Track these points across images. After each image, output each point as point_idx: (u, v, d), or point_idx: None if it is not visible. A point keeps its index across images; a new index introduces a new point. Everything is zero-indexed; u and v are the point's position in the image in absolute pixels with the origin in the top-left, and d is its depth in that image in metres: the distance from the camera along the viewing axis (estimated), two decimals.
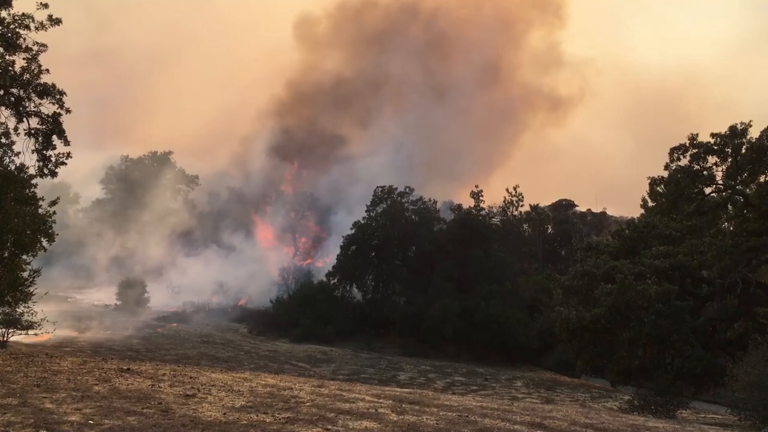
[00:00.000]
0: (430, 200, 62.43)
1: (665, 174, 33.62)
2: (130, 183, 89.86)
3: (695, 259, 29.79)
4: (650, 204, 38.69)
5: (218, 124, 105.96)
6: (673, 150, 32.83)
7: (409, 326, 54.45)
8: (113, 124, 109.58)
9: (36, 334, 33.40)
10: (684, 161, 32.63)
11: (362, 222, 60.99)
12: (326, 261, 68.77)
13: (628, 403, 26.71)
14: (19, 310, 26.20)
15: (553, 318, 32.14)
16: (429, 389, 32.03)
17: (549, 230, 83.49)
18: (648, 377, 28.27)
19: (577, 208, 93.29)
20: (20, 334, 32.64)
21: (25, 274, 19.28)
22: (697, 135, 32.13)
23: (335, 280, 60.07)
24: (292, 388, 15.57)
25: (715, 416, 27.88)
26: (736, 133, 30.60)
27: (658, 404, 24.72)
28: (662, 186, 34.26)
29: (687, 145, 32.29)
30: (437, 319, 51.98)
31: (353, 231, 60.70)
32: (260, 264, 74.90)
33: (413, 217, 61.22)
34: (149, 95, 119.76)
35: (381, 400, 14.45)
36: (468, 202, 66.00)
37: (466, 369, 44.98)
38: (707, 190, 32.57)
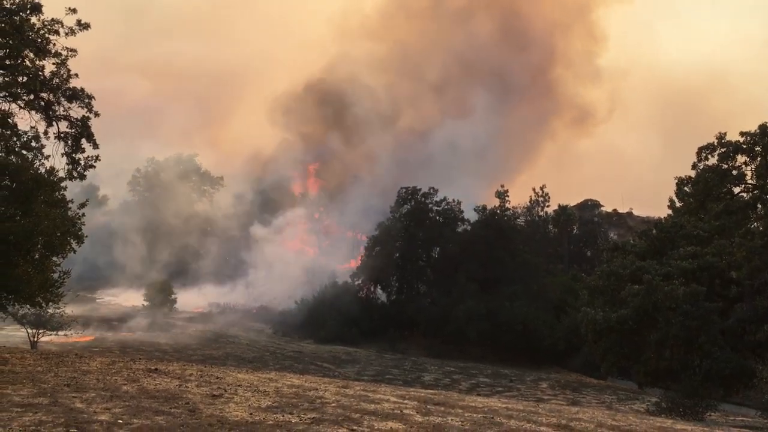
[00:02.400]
0: (454, 201, 62.23)
1: (693, 174, 33.22)
2: (156, 184, 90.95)
3: (724, 260, 29.39)
4: (678, 204, 38.20)
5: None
6: (701, 149, 32.43)
7: (433, 327, 54.39)
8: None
9: (66, 335, 33.99)
10: (712, 160, 32.23)
11: (386, 223, 61.00)
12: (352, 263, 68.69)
13: (655, 405, 26.41)
14: (49, 311, 26.65)
15: (579, 319, 31.91)
16: (454, 390, 31.98)
17: (575, 231, 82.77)
18: (676, 379, 27.96)
19: (602, 209, 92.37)
20: (50, 334, 33.22)
21: (56, 276, 19.54)
22: (725, 134, 31.73)
23: (359, 282, 60.17)
24: (317, 389, 15.63)
25: (744, 419, 27.50)
26: (766, 131, 30.14)
27: (687, 406, 24.41)
28: (690, 186, 33.85)
29: (715, 144, 31.89)
30: (461, 320, 51.86)
31: (377, 232, 60.75)
32: (285, 265, 75.20)
33: (437, 218, 61.12)
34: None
35: (406, 401, 14.46)
36: (493, 202, 65.62)
37: (491, 370, 44.81)
38: (736, 190, 32.13)
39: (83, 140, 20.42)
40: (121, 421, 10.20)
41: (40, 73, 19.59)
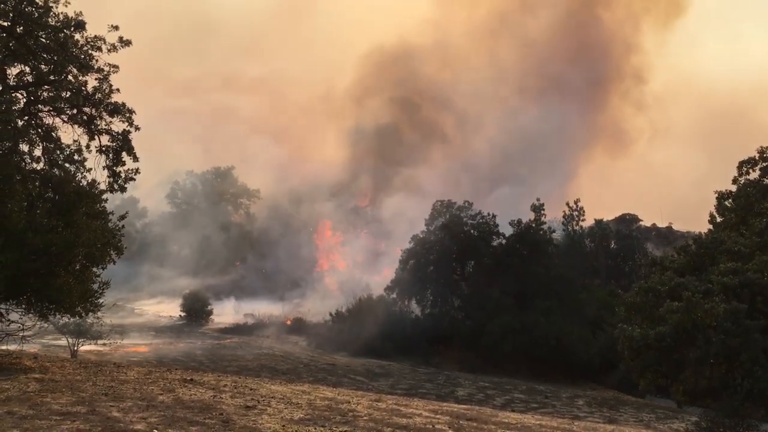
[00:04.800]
0: (489, 214, 61.85)
1: (734, 188, 32.64)
2: (194, 197, 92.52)
3: (766, 277, 28.67)
4: (718, 219, 37.49)
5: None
6: (742, 163, 31.87)
7: (467, 342, 54.05)
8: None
9: (105, 344, 34.61)
10: (754, 175, 31.65)
11: (420, 236, 60.94)
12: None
13: (695, 424, 25.89)
14: (88, 320, 27.17)
15: (615, 335, 31.39)
16: (488, 406, 31.70)
17: (612, 245, 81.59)
18: (716, 398, 27.29)
19: (641, 223, 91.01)
20: (90, 343, 33.87)
21: (95, 286, 19.94)
22: (766, 148, 31.14)
23: (393, 295, 60.10)
24: (349, 402, 15.66)
25: None
26: None
27: (727, 426, 23.88)
28: (730, 200, 33.23)
29: (757, 158, 31.33)
30: (496, 335, 51.48)
31: (411, 245, 60.70)
32: (319, 277, 75.57)
33: (472, 231, 60.81)
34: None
35: (438, 416, 14.39)
36: (528, 216, 65.00)
37: (526, 386, 44.29)
38: None
39: (124, 153, 20.91)
40: (156, 431, 10.36)
41: (83, 88, 20.15)
